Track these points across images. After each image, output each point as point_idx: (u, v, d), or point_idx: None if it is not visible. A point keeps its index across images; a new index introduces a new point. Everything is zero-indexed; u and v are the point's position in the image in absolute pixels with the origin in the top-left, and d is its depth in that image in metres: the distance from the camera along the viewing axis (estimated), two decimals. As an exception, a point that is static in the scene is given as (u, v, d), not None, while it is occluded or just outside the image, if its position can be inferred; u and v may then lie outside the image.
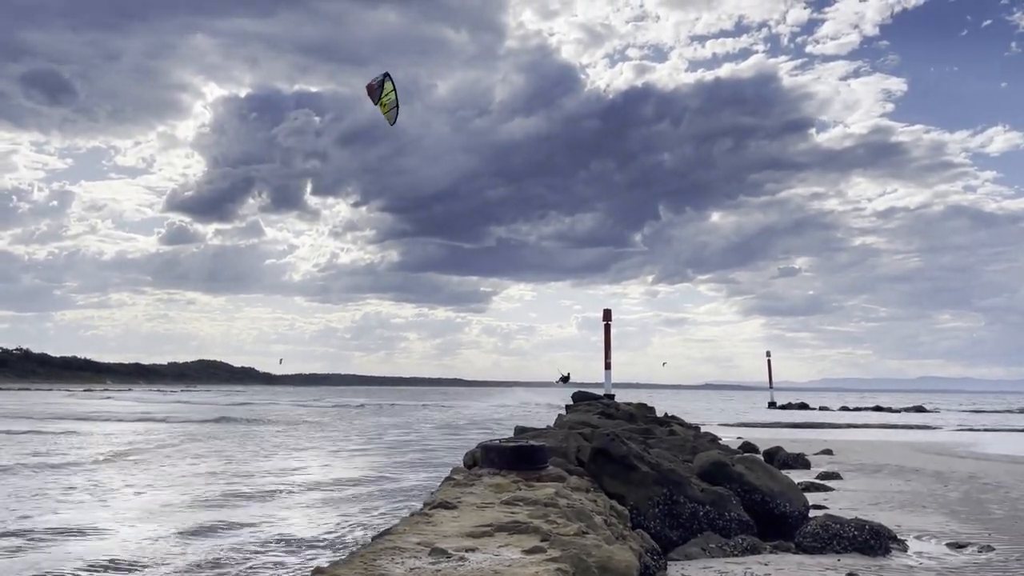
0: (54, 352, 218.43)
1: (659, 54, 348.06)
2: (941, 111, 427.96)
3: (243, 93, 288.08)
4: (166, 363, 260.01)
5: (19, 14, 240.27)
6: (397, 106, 14.20)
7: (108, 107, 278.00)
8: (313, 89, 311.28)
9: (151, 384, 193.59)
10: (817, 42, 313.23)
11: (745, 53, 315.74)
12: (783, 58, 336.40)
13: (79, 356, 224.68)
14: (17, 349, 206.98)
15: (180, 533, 12.29)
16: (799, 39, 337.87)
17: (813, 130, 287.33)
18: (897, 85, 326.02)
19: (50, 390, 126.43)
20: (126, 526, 12.90)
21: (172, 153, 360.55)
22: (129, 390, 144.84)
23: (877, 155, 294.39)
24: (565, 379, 31.38)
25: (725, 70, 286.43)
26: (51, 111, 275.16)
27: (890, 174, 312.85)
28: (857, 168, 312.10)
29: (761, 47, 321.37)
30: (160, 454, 25.50)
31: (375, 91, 14.04)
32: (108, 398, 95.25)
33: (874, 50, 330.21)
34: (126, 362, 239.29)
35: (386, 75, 14.11)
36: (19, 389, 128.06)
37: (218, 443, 30.36)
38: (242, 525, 13.04)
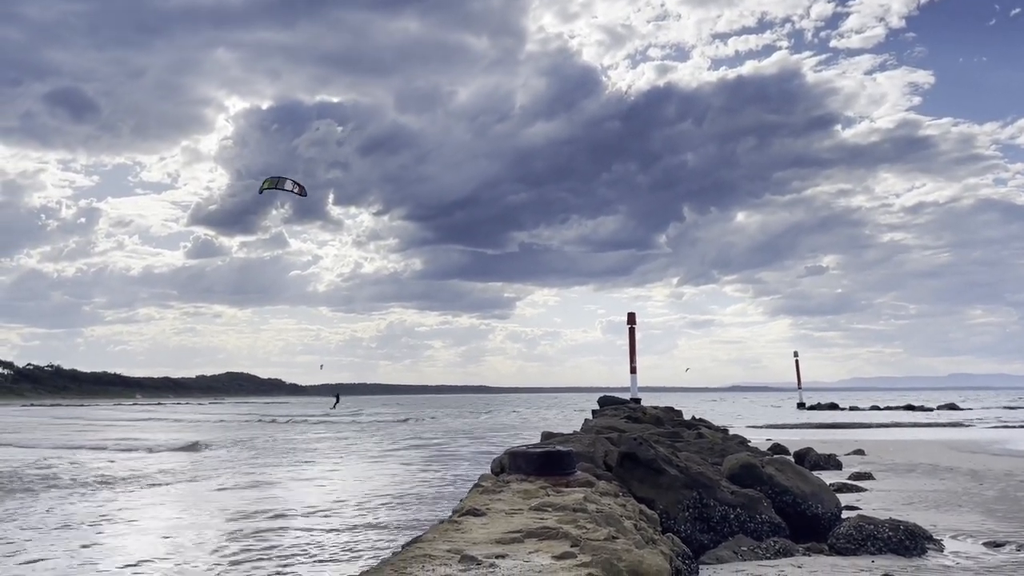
0: (84, 368, 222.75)
1: (681, 53, 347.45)
2: (969, 103, 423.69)
3: (265, 105, 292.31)
4: (194, 376, 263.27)
5: (43, 33, 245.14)
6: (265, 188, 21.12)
7: (132, 123, 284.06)
8: (334, 99, 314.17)
9: (180, 397, 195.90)
10: (842, 36, 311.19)
11: (768, 50, 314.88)
12: (807, 54, 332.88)
13: (109, 371, 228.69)
14: (49, 365, 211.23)
15: (214, 546, 12.38)
16: (823, 34, 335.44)
17: (839, 126, 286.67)
18: (924, 78, 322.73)
19: (81, 405, 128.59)
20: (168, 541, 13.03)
21: (196, 167, 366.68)
22: (159, 404, 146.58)
23: (904, 150, 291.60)
24: (337, 397, 31.65)
25: (748, 67, 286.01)
26: (76, 129, 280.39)
27: (918, 168, 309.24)
28: (884, 163, 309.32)
29: (784, 43, 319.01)
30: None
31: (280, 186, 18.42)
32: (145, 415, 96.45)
33: (900, 43, 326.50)
34: (155, 376, 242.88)
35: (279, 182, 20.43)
36: (51, 405, 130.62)
37: (247, 452, 30.60)
38: (268, 536, 13.09)
